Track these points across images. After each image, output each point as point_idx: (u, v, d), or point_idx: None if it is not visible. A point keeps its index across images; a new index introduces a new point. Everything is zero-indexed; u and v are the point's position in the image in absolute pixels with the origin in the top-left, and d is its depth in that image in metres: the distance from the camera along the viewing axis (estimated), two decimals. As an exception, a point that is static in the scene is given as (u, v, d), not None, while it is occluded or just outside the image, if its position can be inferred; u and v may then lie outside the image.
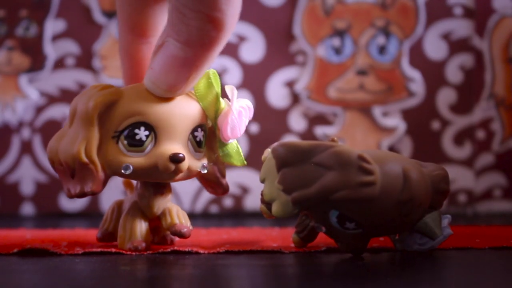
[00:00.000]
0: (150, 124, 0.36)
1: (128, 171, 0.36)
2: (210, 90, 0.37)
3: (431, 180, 0.35)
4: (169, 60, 0.35)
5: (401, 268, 0.33)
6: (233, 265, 0.33)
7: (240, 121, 0.37)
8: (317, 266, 0.33)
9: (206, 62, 0.35)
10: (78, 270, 0.32)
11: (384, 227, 0.34)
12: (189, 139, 0.37)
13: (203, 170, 0.37)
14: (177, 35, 0.34)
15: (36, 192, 0.68)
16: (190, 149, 0.37)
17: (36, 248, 0.37)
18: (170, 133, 0.36)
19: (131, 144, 0.36)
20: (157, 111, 0.36)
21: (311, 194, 0.32)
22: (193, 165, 0.37)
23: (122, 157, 0.36)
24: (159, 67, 0.35)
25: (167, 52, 0.35)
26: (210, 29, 0.33)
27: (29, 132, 0.68)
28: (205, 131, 0.38)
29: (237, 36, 0.68)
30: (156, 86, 0.36)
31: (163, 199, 0.38)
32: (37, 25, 0.68)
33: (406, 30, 0.68)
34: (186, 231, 0.37)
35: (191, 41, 0.34)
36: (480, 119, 0.68)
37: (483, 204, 0.68)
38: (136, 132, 0.36)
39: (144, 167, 0.36)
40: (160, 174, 0.36)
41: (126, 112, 0.36)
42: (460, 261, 0.34)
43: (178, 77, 0.35)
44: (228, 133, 0.37)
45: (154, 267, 0.33)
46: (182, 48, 0.34)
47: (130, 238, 0.38)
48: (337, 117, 0.68)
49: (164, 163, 0.35)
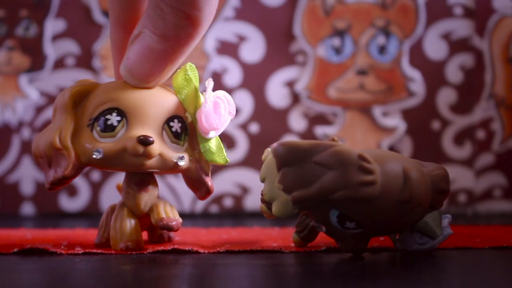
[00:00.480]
0: (121, 109, 0.36)
1: (99, 155, 0.36)
2: (188, 83, 0.37)
3: (431, 180, 0.35)
4: (145, 51, 0.35)
5: (401, 268, 0.33)
6: (233, 265, 0.33)
7: (217, 112, 0.37)
8: (317, 265, 0.33)
9: (181, 56, 0.35)
10: (78, 270, 0.32)
11: (384, 226, 0.34)
12: (163, 128, 0.37)
13: (179, 162, 0.37)
14: (154, 28, 0.34)
15: (36, 192, 0.68)
16: (165, 139, 0.37)
17: (36, 248, 0.37)
18: (142, 119, 0.36)
19: (103, 129, 0.36)
20: (129, 97, 0.36)
21: (311, 194, 0.32)
22: (167, 153, 0.37)
23: (95, 143, 0.36)
24: (134, 57, 0.36)
25: (143, 43, 0.35)
26: (187, 25, 0.34)
27: (29, 132, 0.68)
28: (183, 124, 0.37)
29: (237, 36, 0.68)
30: (130, 75, 0.36)
31: (149, 195, 0.38)
32: (37, 25, 0.68)
33: (406, 30, 0.68)
34: (174, 224, 0.37)
35: (167, 35, 0.34)
36: (480, 119, 0.68)
37: (483, 204, 0.68)
38: (107, 118, 0.36)
39: (113, 151, 0.36)
40: (130, 159, 0.36)
41: (100, 99, 0.37)
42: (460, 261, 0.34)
43: (153, 69, 0.36)
44: (204, 124, 0.37)
45: (154, 267, 0.33)
46: (158, 41, 0.35)
47: (121, 238, 0.38)
48: (337, 117, 0.68)
49: (132, 145, 0.36)
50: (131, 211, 0.38)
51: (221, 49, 0.68)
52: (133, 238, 0.37)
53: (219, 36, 0.67)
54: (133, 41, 0.36)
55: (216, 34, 0.67)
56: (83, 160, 0.36)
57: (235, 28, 0.68)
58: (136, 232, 0.38)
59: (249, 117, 0.68)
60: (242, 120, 0.68)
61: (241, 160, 0.67)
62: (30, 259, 0.35)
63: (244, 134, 0.68)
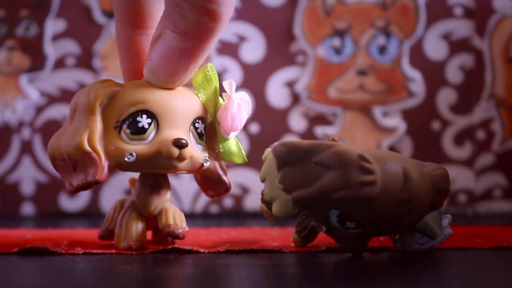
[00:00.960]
0: (152, 111, 0.36)
1: (132, 158, 0.35)
2: (208, 84, 0.37)
3: (431, 180, 0.35)
4: (167, 51, 0.35)
5: (401, 268, 0.33)
6: (233, 265, 0.33)
7: (240, 113, 0.37)
8: (317, 265, 0.33)
9: (204, 52, 0.35)
10: (78, 269, 0.32)
11: (384, 226, 0.34)
12: (190, 129, 0.37)
13: (205, 163, 0.37)
14: (174, 27, 0.34)
15: (36, 192, 0.68)
16: (192, 140, 0.37)
17: (36, 248, 0.37)
18: (172, 121, 0.36)
19: (134, 132, 0.36)
20: (159, 98, 0.36)
21: (312, 194, 0.33)
22: (195, 155, 0.37)
23: (125, 146, 0.36)
24: (157, 58, 0.36)
25: (165, 43, 0.35)
26: (207, 20, 0.34)
27: (29, 132, 0.68)
28: (205, 124, 0.38)
29: (237, 36, 0.68)
30: (155, 76, 0.36)
31: (160, 199, 0.38)
32: (37, 25, 0.68)
33: (406, 30, 0.68)
34: (180, 232, 0.37)
35: (188, 32, 0.34)
36: (480, 119, 0.68)
37: (483, 204, 0.68)
38: (138, 120, 0.36)
39: (147, 154, 0.36)
40: (163, 162, 0.36)
41: (127, 101, 0.36)
42: (461, 261, 0.34)
43: (177, 68, 0.36)
44: (229, 125, 0.37)
45: (154, 267, 0.33)
46: (180, 39, 0.34)
47: (126, 237, 0.38)
48: (337, 117, 0.68)
49: (167, 148, 0.35)
50: (139, 212, 0.38)
51: (221, 49, 0.68)
52: (138, 239, 0.37)
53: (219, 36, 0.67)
54: (154, 42, 0.35)
55: (216, 34, 0.67)
56: (112, 163, 0.36)
57: (235, 28, 0.68)
58: (141, 234, 0.38)
59: (249, 117, 0.68)
60: (242, 120, 0.68)
61: (241, 160, 0.68)
62: (30, 259, 0.35)
63: (244, 134, 0.68)
